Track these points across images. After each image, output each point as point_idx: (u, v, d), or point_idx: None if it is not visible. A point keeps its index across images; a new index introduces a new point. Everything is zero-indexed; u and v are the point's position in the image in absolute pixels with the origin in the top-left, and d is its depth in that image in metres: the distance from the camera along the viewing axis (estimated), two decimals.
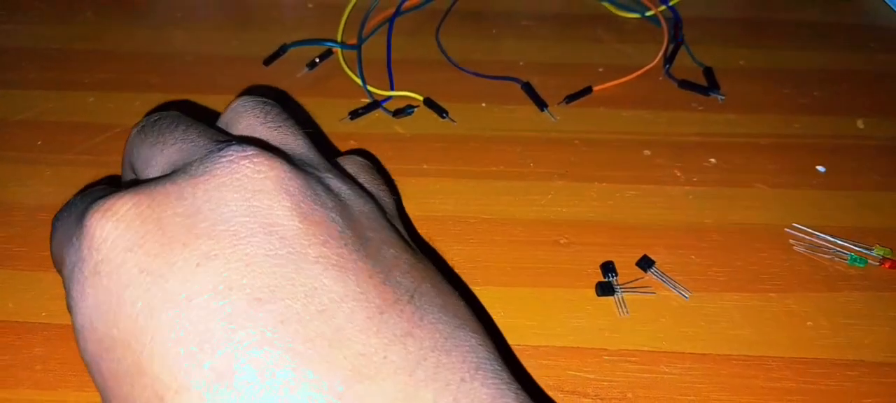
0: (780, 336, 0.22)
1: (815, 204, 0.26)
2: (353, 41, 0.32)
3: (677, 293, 0.23)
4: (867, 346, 0.22)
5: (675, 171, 0.27)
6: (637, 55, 0.32)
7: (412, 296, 0.14)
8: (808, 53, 0.33)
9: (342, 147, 0.28)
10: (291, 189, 0.15)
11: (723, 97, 0.30)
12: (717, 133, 0.29)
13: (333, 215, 0.15)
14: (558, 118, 0.29)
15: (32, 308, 0.22)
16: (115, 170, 0.27)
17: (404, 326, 0.14)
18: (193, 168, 0.15)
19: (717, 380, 0.21)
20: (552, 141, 0.28)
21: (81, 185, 0.26)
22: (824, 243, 0.24)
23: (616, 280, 0.23)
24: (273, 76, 0.31)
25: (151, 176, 0.17)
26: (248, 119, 0.18)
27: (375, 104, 0.29)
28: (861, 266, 0.24)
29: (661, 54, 0.32)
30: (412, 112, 0.29)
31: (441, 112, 0.29)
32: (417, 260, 0.16)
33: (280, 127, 0.18)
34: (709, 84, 0.31)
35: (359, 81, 0.30)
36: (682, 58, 0.32)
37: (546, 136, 0.29)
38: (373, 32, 0.33)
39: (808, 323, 0.22)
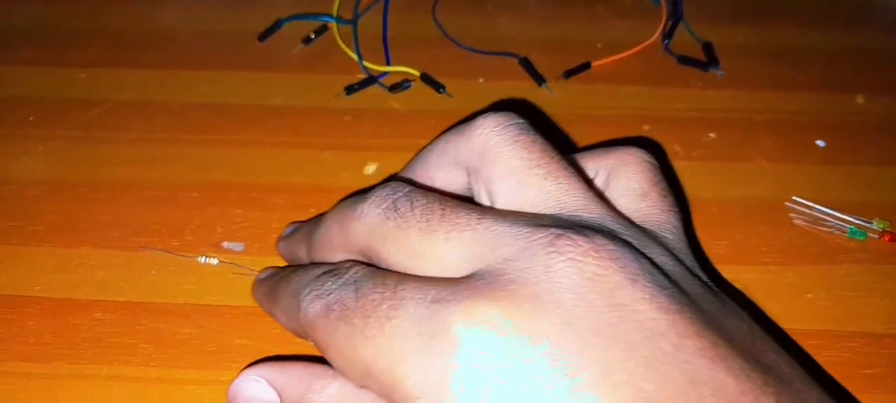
0: (779, 309, 0.22)
1: (815, 178, 0.26)
2: (349, 16, 0.32)
3: None
4: (866, 318, 0.22)
5: (675, 147, 0.27)
6: (636, 31, 0.32)
7: (781, 379, 0.13)
8: (807, 30, 0.33)
9: (337, 123, 0.28)
10: (636, 276, 0.13)
11: (722, 73, 0.30)
12: (716, 108, 0.29)
13: (678, 295, 0.14)
14: (556, 93, 0.29)
15: (26, 281, 0.22)
16: (107, 145, 0.26)
17: None
18: (526, 266, 0.13)
19: None
20: (551, 116, 0.28)
21: (74, 161, 0.26)
22: (824, 216, 0.24)
23: None
24: (268, 51, 0.31)
25: (440, 272, 0.15)
26: (509, 157, 0.16)
27: (372, 79, 0.29)
28: (861, 238, 0.24)
29: (659, 30, 0.32)
30: (409, 87, 0.29)
31: (438, 87, 0.29)
32: (738, 313, 0.15)
33: (551, 170, 0.16)
34: (708, 60, 0.30)
35: (355, 57, 0.30)
36: (681, 34, 0.32)
37: (545, 112, 0.28)
38: (369, 7, 0.32)
39: (808, 295, 0.22)
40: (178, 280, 0.22)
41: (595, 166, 0.18)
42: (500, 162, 0.16)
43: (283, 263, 0.22)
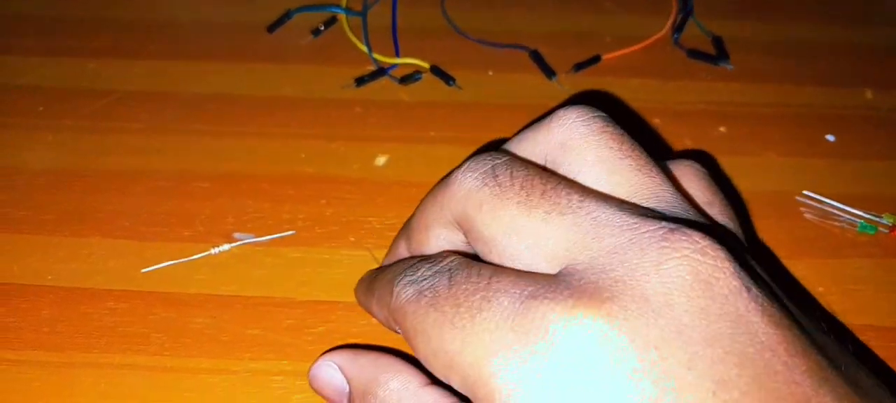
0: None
1: (825, 172, 0.26)
2: (359, 7, 0.31)
3: None
4: (877, 311, 0.22)
5: (685, 140, 0.27)
6: (646, 25, 0.32)
7: (859, 389, 0.13)
8: (816, 25, 0.33)
9: (347, 115, 0.28)
10: (750, 285, 0.13)
11: (732, 67, 0.30)
12: (726, 102, 0.29)
13: (781, 307, 0.13)
14: (566, 87, 0.29)
15: (38, 271, 0.22)
16: (117, 135, 0.26)
17: None
18: (634, 261, 0.12)
19: None
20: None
21: (83, 150, 0.26)
22: (834, 210, 0.24)
23: None
24: (277, 43, 0.31)
25: (529, 254, 0.14)
26: (596, 146, 0.15)
27: (381, 71, 0.29)
28: (871, 233, 0.24)
29: (669, 24, 0.32)
30: (419, 78, 0.29)
31: (448, 79, 0.29)
32: (811, 320, 0.14)
33: (641, 163, 0.15)
34: (718, 53, 0.30)
35: (364, 48, 0.30)
36: (691, 28, 0.32)
37: (555, 105, 0.28)
38: None
39: (819, 288, 0.22)
40: (191, 270, 0.22)
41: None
42: (588, 151, 0.15)
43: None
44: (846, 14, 0.34)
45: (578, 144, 0.15)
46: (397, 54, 0.30)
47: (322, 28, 0.31)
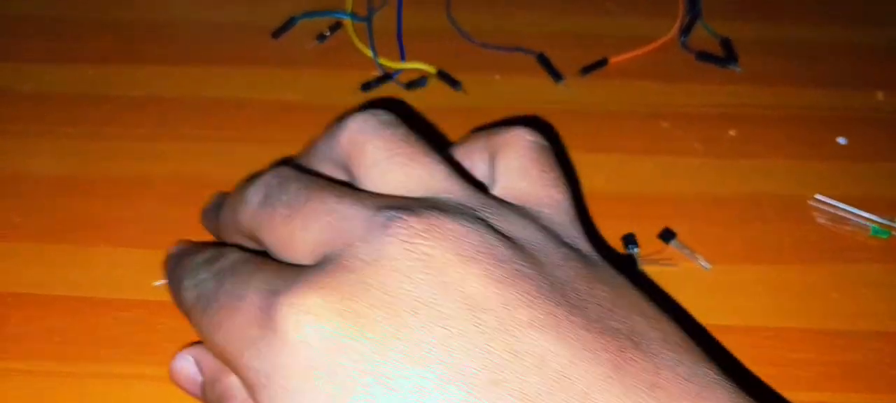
0: (801, 308, 0.22)
1: (836, 175, 0.26)
2: (363, 12, 0.31)
3: (698, 264, 0.22)
4: (891, 318, 0.21)
5: (695, 143, 0.27)
6: (653, 27, 0.32)
7: (634, 340, 0.13)
8: (826, 26, 0.33)
9: None
10: (473, 252, 0.13)
11: (740, 69, 0.30)
12: (735, 105, 0.28)
13: (522, 267, 0.14)
14: (573, 90, 0.29)
15: (45, 280, 0.22)
16: (120, 141, 0.26)
17: (645, 378, 0.12)
18: (362, 251, 0.14)
19: (739, 351, 0.20)
20: (568, 112, 0.28)
21: (87, 157, 0.26)
22: (846, 214, 0.24)
23: (638, 252, 0.23)
24: (282, 48, 0.31)
25: (299, 260, 0.15)
26: (372, 150, 0.16)
27: (387, 76, 0.29)
28: (884, 237, 0.23)
29: (677, 26, 0.31)
30: (425, 83, 0.29)
31: (454, 84, 0.29)
32: (610, 280, 0.15)
33: (411, 155, 0.16)
34: (726, 56, 0.30)
35: (369, 53, 0.30)
36: (699, 30, 0.32)
37: (562, 108, 0.28)
38: (383, 4, 0.32)
39: (831, 294, 0.22)
40: None
41: (481, 148, 0.18)
42: (364, 155, 0.16)
43: None
44: (856, 16, 0.33)
45: (357, 150, 0.16)
46: (403, 59, 0.30)
47: (327, 33, 0.31)
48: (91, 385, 0.20)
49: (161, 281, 0.22)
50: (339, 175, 0.18)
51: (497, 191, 0.17)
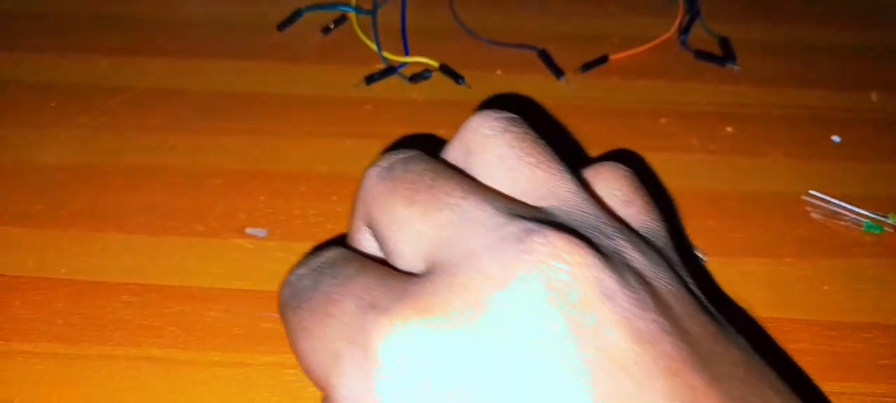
0: (796, 300, 0.22)
1: (831, 173, 0.26)
2: (368, 6, 0.32)
3: (695, 254, 0.23)
4: (882, 310, 0.22)
5: (692, 140, 0.27)
6: (653, 26, 0.32)
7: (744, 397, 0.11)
8: (822, 27, 0.33)
9: (357, 112, 0.28)
10: (613, 293, 0.11)
11: (738, 68, 0.30)
12: (732, 103, 0.29)
13: (661, 321, 0.12)
14: (574, 86, 0.29)
15: (53, 264, 0.22)
16: (131, 132, 0.27)
17: None
18: (487, 265, 0.12)
19: None
20: (569, 108, 0.28)
21: (98, 147, 0.26)
22: (840, 210, 0.25)
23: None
24: (287, 41, 0.31)
25: (409, 259, 0.13)
26: (499, 146, 0.14)
27: (391, 69, 0.29)
28: (877, 232, 0.24)
29: (676, 25, 0.32)
30: (429, 77, 0.29)
31: (457, 78, 0.29)
32: (734, 339, 0.13)
33: (542, 160, 0.14)
34: (724, 55, 0.31)
35: (374, 47, 0.30)
36: (698, 29, 0.32)
37: (563, 104, 0.29)
38: None
39: (824, 287, 0.22)
40: (205, 264, 0.22)
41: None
42: (490, 149, 0.15)
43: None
44: (852, 16, 0.34)
45: (481, 146, 0.15)
46: (407, 53, 0.30)
47: (332, 26, 0.31)
48: (96, 367, 0.20)
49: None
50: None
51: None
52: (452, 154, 0.16)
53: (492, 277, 0.11)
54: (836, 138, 0.28)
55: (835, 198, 0.25)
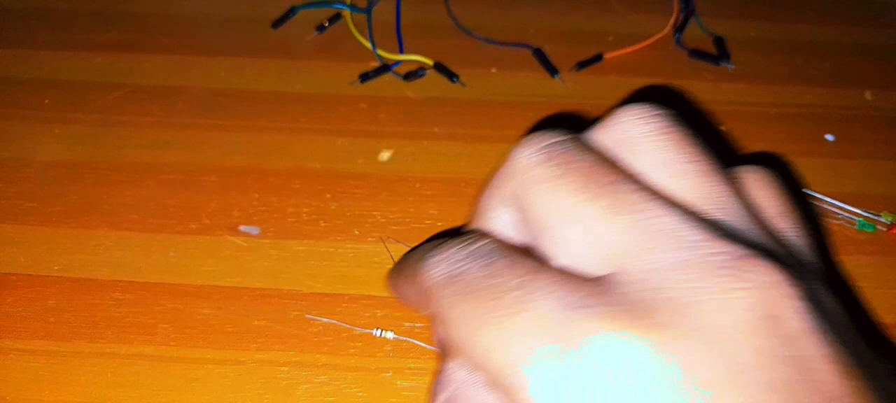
0: None
1: (824, 171, 0.26)
2: (363, 4, 0.32)
3: None
4: (875, 308, 0.22)
5: None
6: (648, 24, 0.32)
7: None
8: (817, 26, 0.33)
9: (352, 110, 0.28)
10: (819, 328, 0.11)
11: (733, 66, 0.30)
12: (727, 101, 0.29)
13: (852, 353, 0.12)
14: (569, 84, 0.29)
15: (45, 261, 0.22)
16: (125, 129, 0.27)
17: None
18: (695, 289, 0.11)
19: None
20: (564, 107, 0.28)
21: (92, 143, 0.26)
22: (834, 209, 0.25)
23: None
24: (282, 39, 0.31)
25: (581, 256, 0.13)
26: (662, 146, 0.13)
27: (386, 67, 0.29)
28: (870, 231, 0.24)
29: (671, 23, 0.32)
30: (424, 74, 0.29)
31: (452, 76, 0.29)
32: (882, 363, 0.13)
33: (709, 169, 0.13)
34: (719, 53, 0.31)
35: (368, 45, 0.30)
36: (693, 28, 0.32)
37: (558, 102, 0.29)
38: None
39: None
40: (197, 261, 0.22)
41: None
42: (647, 153, 0.14)
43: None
44: (847, 15, 0.34)
45: (638, 144, 0.14)
46: (401, 51, 0.30)
47: (326, 24, 0.31)
48: (88, 364, 0.20)
49: (312, 316, 0.21)
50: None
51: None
52: (598, 136, 0.15)
53: (706, 297, 0.11)
54: (829, 136, 0.28)
55: (828, 196, 0.25)
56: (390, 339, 0.21)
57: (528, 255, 0.13)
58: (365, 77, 0.29)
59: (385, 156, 0.26)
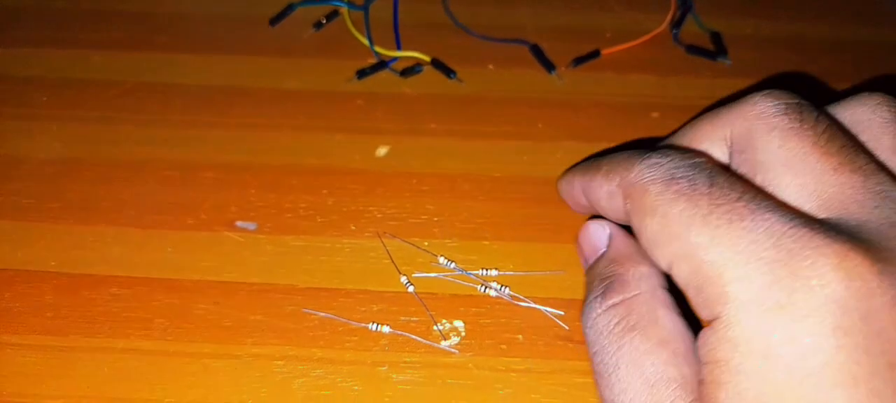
0: None
1: None
2: (360, 1, 0.32)
3: None
4: None
5: None
6: (645, 20, 0.32)
7: None
8: (814, 22, 0.33)
9: (349, 107, 0.28)
10: None
11: (730, 62, 0.30)
12: (724, 97, 0.29)
13: None
14: (565, 81, 0.29)
15: (42, 257, 0.22)
16: (123, 126, 0.27)
17: None
18: (817, 296, 0.12)
19: None
20: (560, 103, 0.28)
21: (89, 141, 0.26)
22: None
23: None
24: (279, 36, 0.31)
25: (800, 194, 0.14)
26: (893, 135, 0.15)
27: (383, 64, 0.29)
28: None
29: (668, 19, 0.32)
30: (420, 71, 0.29)
31: (449, 72, 0.29)
32: None
33: (842, 166, 0.14)
34: (716, 49, 0.31)
35: (366, 42, 0.30)
36: (690, 24, 0.32)
37: (554, 98, 0.29)
38: None
39: None
40: (195, 257, 0.22)
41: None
42: (882, 137, 0.15)
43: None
44: (845, 10, 0.34)
45: (874, 127, 0.15)
46: (398, 47, 0.30)
47: (324, 21, 0.31)
48: (85, 359, 0.20)
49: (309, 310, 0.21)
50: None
51: None
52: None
53: (836, 306, 0.12)
54: None
55: None
56: (386, 333, 0.21)
57: (749, 182, 0.14)
58: (362, 73, 0.29)
59: (382, 152, 0.26)
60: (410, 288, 0.22)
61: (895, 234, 0.13)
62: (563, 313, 0.21)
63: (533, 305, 0.21)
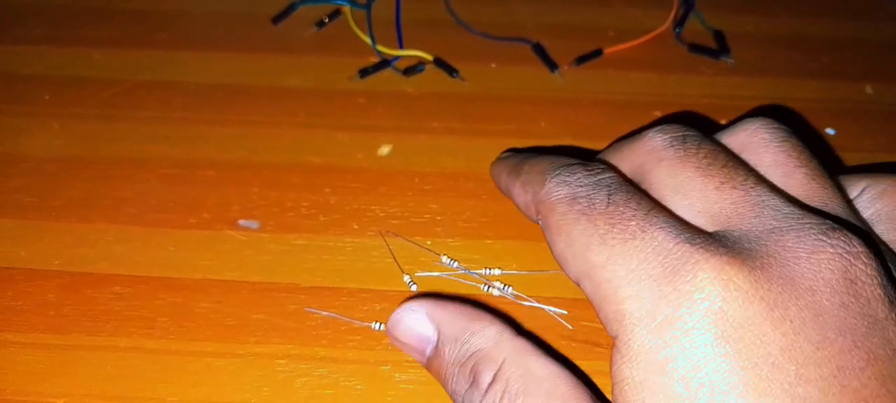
0: None
1: (825, 165, 0.26)
2: (363, 0, 0.32)
3: None
4: None
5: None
6: (647, 19, 0.32)
7: None
8: (816, 19, 0.33)
9: (351, 105, 0.28)
10: (891, 298, 0.13)
11: (732, 61, 0.30)
12: (727, 96, 0.29)
13: None
14: (568, 79, 0.29)
15: (45, 256, 0.22)
16: (124, 123, 0.27)
17: None
18: (790, 249, 0.13)
19: None
20: (563, 101, 0.28)
21: (91, 138, 0.26)
22: None
23: None
24: (282, 34, 0.31)
25: (690, 212, 0.15)
26: (776, 152, 0.16)
27: (385, 62, 0.29)
28: None
29: (671, 18, 0.32)
30: (422, 69, 0.29)
31: (451, 71, 0.29)
32: None
33: (817, 173, 0.16)
34: (719, 48, 0.31)
35: (368, 40, 0.30)
36: (692, 23, 0.32)
37: (557, 97, 0.28)
38: None
39: None
40: (196, 255, 0.22)
41: (859, 185, 0.17)
42: (765, 154, 0.16)
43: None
44: (846, 8, 0.34)
45: (758, 148, 0.16)
46: (401, 46, 0.30)
47: (326, 20, 0.31)
48: (87, 358, 0.20)
49: (311, 309, 0.21)
50: None
51: (880, 231, 0.16)
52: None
53: (797, 255, 0.13)
54: (830, 131, 0.28)
55: None
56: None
57: (647, 197, 0.15)
58: (364, 72, 0.29)
59: (384, 150, 0.26)
60: (413, 287, 0.22)
61: (774, 240, 0.14)
62: (566, 312, 0.21)
63: (536, 304, 0.21)
